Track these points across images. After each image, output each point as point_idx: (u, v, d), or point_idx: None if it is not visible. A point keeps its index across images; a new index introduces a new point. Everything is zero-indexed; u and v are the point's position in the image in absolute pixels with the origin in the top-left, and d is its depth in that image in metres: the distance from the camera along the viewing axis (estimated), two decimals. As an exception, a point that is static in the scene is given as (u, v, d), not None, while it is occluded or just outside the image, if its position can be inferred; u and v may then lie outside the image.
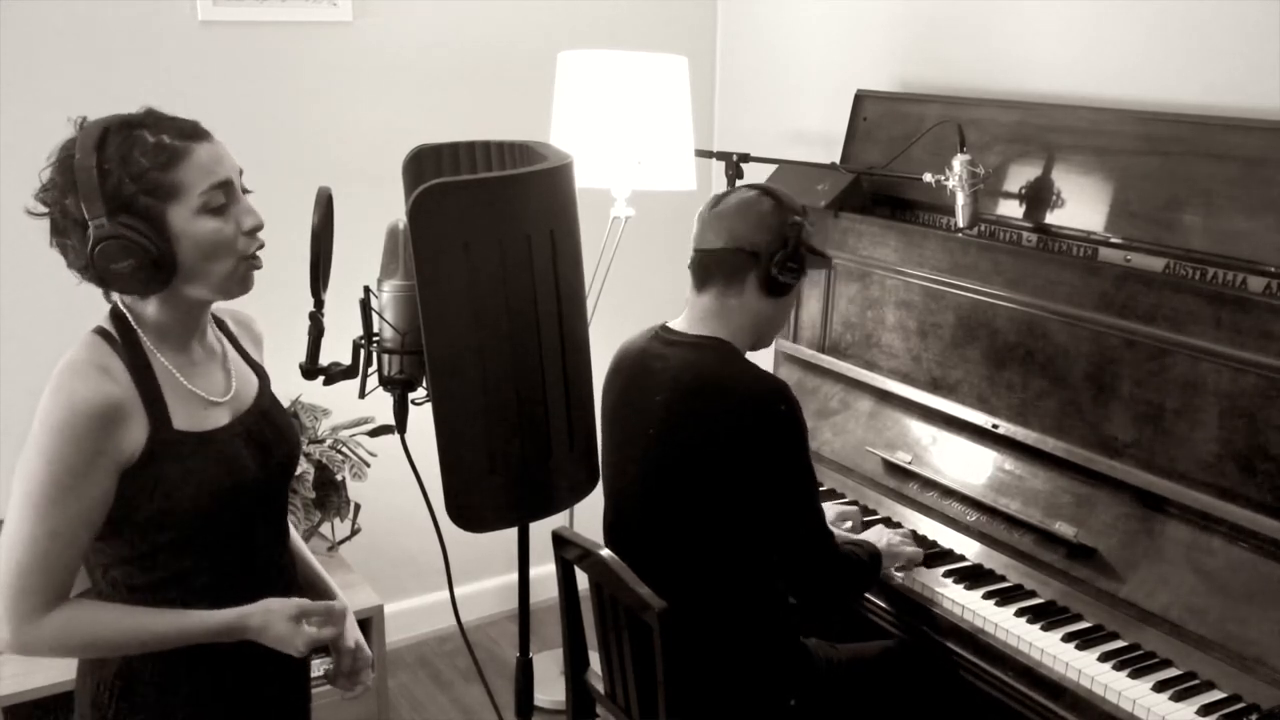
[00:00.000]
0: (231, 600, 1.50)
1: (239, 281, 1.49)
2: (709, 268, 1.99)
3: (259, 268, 1.51)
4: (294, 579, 1.69)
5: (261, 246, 1.50)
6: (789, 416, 1.90)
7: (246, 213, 1.48)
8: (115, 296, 1.49)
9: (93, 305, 1.52)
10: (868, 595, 2.19)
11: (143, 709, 1.52)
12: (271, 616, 1.48)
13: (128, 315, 1.48)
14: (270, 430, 1.59)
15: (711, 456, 1.90)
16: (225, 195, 1.44)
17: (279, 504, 1.64)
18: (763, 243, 1.95)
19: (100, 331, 1.47)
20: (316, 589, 1.78)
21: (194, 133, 1.44)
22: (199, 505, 1.47)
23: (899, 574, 2.13)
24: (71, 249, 1.43)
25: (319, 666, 2.15)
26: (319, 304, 1.57)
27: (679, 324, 2.04)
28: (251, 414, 1.58)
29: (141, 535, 1.46)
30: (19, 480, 1.41)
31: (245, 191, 1.50)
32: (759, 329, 2.02)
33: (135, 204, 1.39)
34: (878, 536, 2.14)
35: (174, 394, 1.48)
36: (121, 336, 1.47)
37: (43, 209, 1.44)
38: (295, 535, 1.80)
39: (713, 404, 1.91)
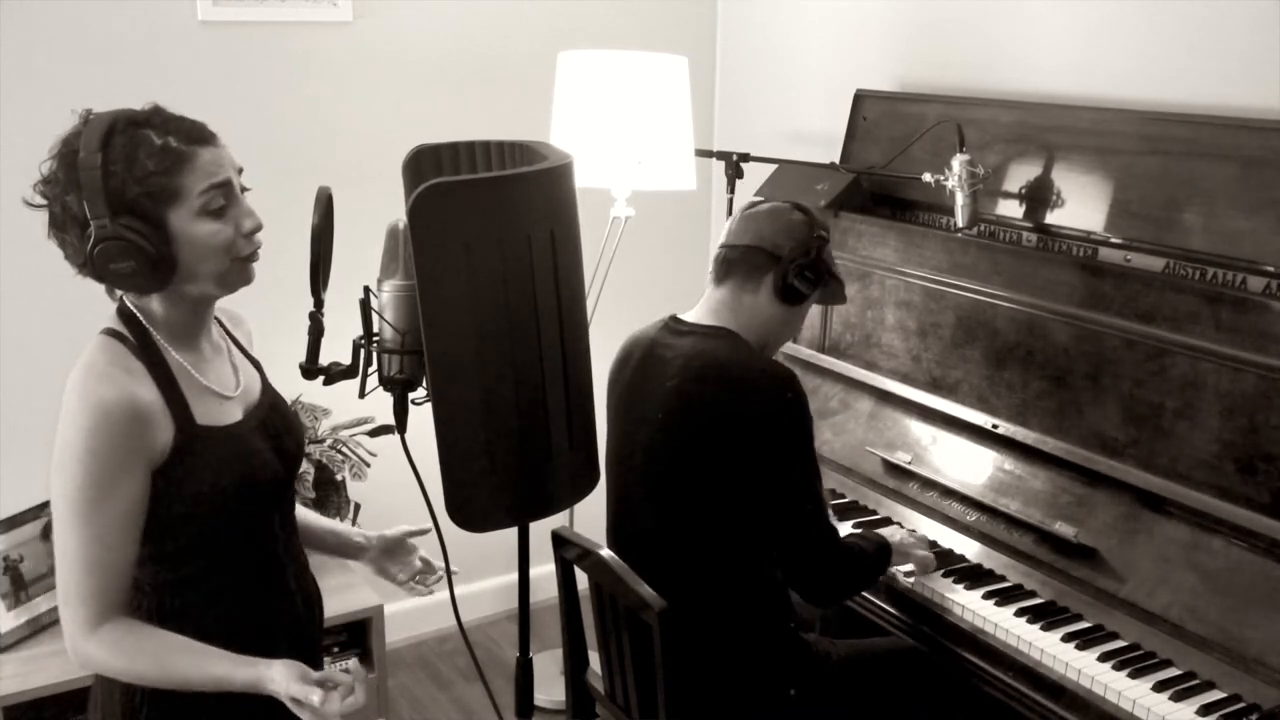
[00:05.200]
0: (257, 597, 1.53)
1: (239, 276, 1.50)
2: (731, 263, 2.04)
3: (256, 260, 1.52)
4: (310, 573, 1.70)
5: (259, 246, 1.51)
6: (795, 404, 1.91)
7: (246, 215, 1.48)
8: (122, 296, 1.49)
9: (91, 299, 1.52)
10: (869, 595, 2.19)
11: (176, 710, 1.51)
12: (289, 680, 1.41)
13: (138, 314, 1.48)
14: (281, 422, 1.62)
15: (718, 442, 1.91)
16: (224, 197, 1.44)
17: (290, 494, 1.66)
18: (786, 247, 2.00)
19: (111, 333, 1.47)
20: (340, 537, 1.84)
21: (200, 136, 1.44)
22: (225, 500, 1.47)
23: (906, 578, 2.12)
24: (70, 244, 1.43)
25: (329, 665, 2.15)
26: (319, 304, 1.58)
27: (690, 315, 2.07)
28: (261, 407, 1.60)
29: (169, 534, 1.47)
30: (56, 492, 1.41)
31: (243, 190, 1.50)
32: (766, 332, 2.04)
33: (137, 206, 1.39)
34: (890, 533, 2.14)
35: (192, 390, 1.48)
36: (135, 336, 1.47)
37: (41, 201, 1.43)
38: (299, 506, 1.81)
39: (720, 390, 1.93)
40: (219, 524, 1.49)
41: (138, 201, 1.39)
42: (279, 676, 1.41)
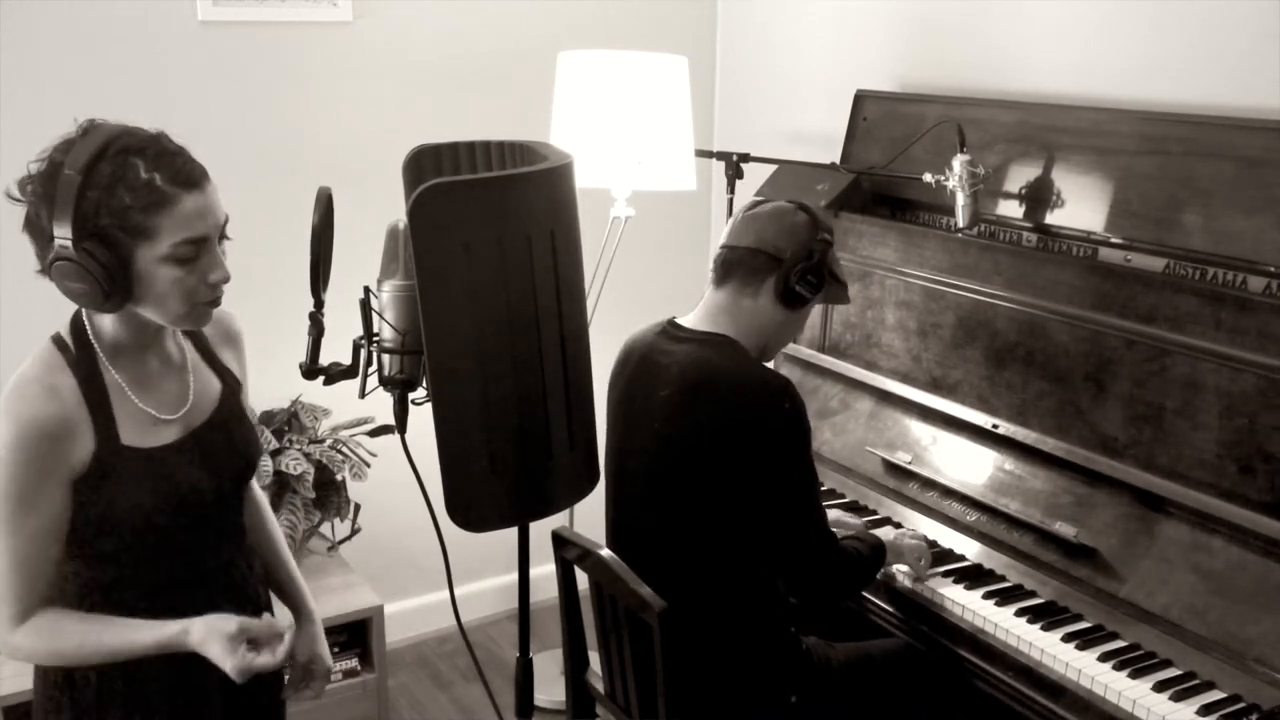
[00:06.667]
0: (179, 604, 1.52)
1: (193, 320, 1.49)
2: (731, 265, 2.01)
3: (218, 305, 1.50)
4: (251, 583, 1.69)
5: (221, 293, 1.48)
6: (792, 414, 1.90)
7: (215, 266, 1.45)
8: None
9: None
10: (868, 596, 2.19)
11: (83, 702, 1.54)
12: (211, 633, 1.45)
13: (87, 328, 1.48)
14: (223, 443, 1.59)
15: (715, 452, 1.90)
16: (196, 250, 1.42)
17: (231, 513, 1.65)
18: (788, 250, 1.97)
19: (58, 341, 1.48)
20: (286, 594, 1.79)
21: (189, 180, 1.40)
22: (137, 520, 1.48)
23: (903, 577, 2.12)
24: (36, 248, 1.43)
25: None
26: (319, 304, 1.57)
27: (688, 320, 2.05)
28: (205, 427, 1.57)
29: (89, 539, 1.49)
30: None
31: (225, 238, 1.48)
32: (766, 336, 2.03)
33: (105, 236, 1.37)
34: (884, 532, 2.14)
35: (123, 410, 1.48)
36: (77, 348, 1.47)
37: (20, 197, 1.43)
38: (279, 537, 1.81)
39: (718, 399, 1.91)
40: (136, 537, 1.50)
41: (107, 231, 1.37)
42: (199, 631, 1.44)
